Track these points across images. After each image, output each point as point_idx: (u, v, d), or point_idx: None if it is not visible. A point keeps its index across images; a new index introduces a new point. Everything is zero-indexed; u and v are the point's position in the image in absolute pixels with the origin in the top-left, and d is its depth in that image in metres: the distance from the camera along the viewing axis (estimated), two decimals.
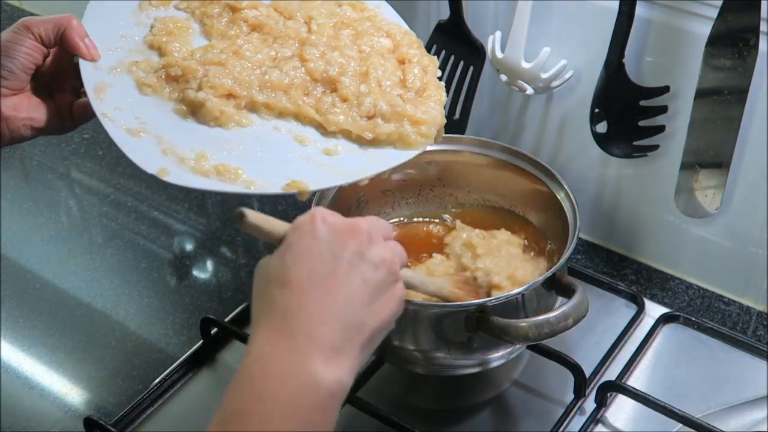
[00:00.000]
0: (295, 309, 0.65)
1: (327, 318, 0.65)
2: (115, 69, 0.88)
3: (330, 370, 0.64)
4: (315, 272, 0.67)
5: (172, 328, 1.12)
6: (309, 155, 0.86)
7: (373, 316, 0.68)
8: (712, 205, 1.03)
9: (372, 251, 0.69)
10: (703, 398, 0.99)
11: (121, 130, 0.83)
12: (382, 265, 0.69)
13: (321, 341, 0.64)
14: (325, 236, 0.68)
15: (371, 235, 0.70)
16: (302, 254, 0.68)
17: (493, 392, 1.02)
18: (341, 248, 0.68)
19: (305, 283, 0.66)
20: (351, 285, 0.67)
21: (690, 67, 0.99)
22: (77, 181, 1.39)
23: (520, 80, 1.11)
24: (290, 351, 0.64)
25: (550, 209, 1.03)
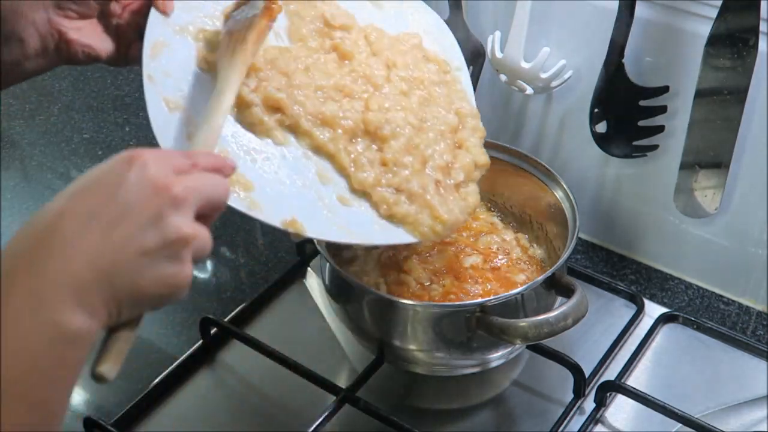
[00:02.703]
0: (52, 242, 0.58)
1: (81, 262, 0.58)
2: (183, 30, 0.84)
3: (73, 316, 0.57)
4: (93, 213, 0.59)
5: (171, 328, 1.12)
6: (323, 195, 0.84)
7: (133, 285, 0.59)
8: (711, 205, 1.04)
9: (170, 222, 0.60)
10: (702, 398, 0.99)
11: (159, 98, 0.80)
12: (172, 242, 0.60)
13: (68, 284, 0.57)
14: (131, 184, 0.60)
15: (183, 203, 0.61)
16: (94, 190, 0.60)
17: (493, 392, 1.02)
18: (139, 203, 0.60)
19: (78, 218, 0.59)
20: (125, 242, 0.59)
21: (689, 67, 0.99)
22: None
23: (519, 80, 1.11)
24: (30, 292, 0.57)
25: (550, 209, 1.03)
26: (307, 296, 1.14)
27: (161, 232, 0.60)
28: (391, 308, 0.92)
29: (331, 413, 0.95)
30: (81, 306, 0.57)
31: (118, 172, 0.61)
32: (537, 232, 1.07)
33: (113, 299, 0.59)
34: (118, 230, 0.59)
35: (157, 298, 0.61)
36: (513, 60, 1.10)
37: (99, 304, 0.58)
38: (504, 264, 1.02)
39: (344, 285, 0.96)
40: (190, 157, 0.66)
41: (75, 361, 0.59)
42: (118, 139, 1.44)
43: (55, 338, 0.57)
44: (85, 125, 1.47)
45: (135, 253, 0.59)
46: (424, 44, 0.97)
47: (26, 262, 0.58)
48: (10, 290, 0.57)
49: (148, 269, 0.60)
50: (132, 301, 0.60)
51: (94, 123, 1.48)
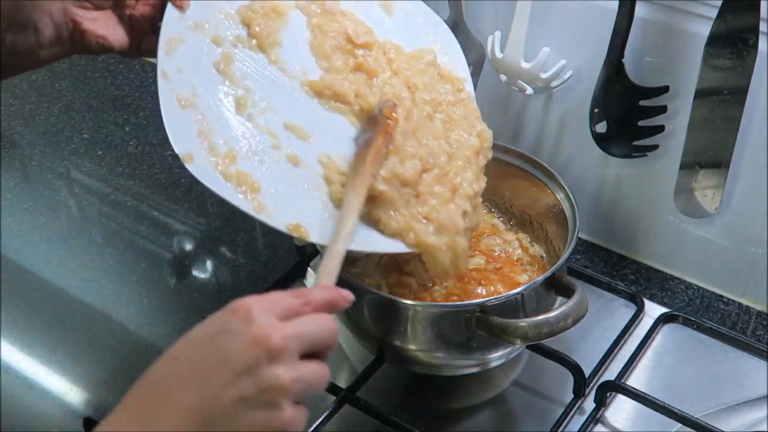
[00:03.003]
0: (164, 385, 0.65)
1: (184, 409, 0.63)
2: (199, 26, 0.85)
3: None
4: (198, 362, 0.65)
5: (172, 328, 1.12)
6: (328, 201, 0.84)
7: (229, 428, 0.63)
8: (711, 205, 1.04)
9: (265, 371, 0.63)
10: (702, 398, 0.99)
11: (172, 95, 0.80)
12: (267, 390, 0.63)
13: (170, 426, 0.63)
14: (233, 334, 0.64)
15: (281, 352, 0.64)
16: (201, 341, 0.66)
17: (493, 392, 1.02)
18: (236, 353, 0.64)
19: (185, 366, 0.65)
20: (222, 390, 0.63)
21: (689, 67, 0.99)
22: (77, 181, 1.39)
23: (519, 80, 1.11)
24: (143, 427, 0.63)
25: (550, 209, 1.03)
26: None
27: (256, 382, 0.63)
28: (391, 308, 0.92)
29: (331, 413, 0.95)
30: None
31: (224, 322, 0.66)
32: (537, 232, 1.07)
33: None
34: (216, 379, 0.63)
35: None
36: (513, 60, 1.10)
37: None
38: (506, 264, 1.02)
39: (344, 285, 0.95)
40: (302, 296, 0.68)
41: None
42: (118, 139, 1.44)
43: None
44: (85, 125, 1.47)
45: (231, 401, 0.63)
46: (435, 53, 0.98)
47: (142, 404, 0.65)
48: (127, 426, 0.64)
49: (244, 416, 0.63)
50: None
51: (94, 123, 1.48)
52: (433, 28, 1.01)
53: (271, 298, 0.67)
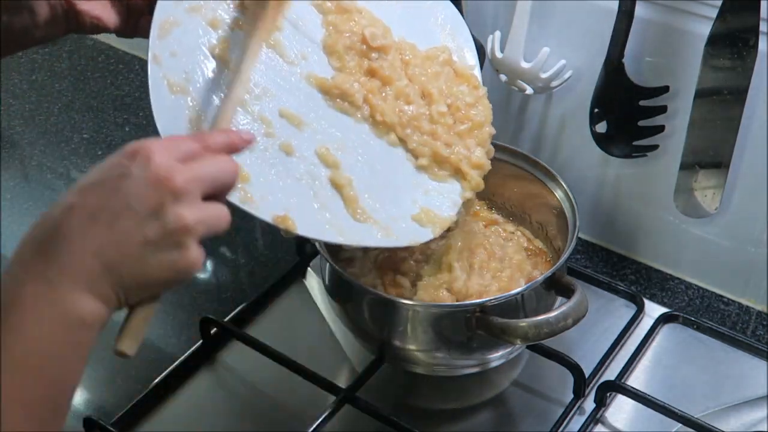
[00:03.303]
0: (61, 235, 0.62)
1: (88, 253, 0.61)
2: (196, 10, 0.83)
3: (84, 300, 0.61)
4: (98, 208, 0.62)
5: (171, 328, 1.12)
6: (318, 190, 0.83)
7: (139, 272, 0.63)
8: (711, 205, 1.04)
9: (170, 212, 0.63)
10: (702, 398, 0.99)
11: (163, 81, 0.78)
12: (174, 231, 0.63)
13: (78, 273, 0.61)
14: (134, 178, 0.63)
15: (184, 193, 0.63)
16: (99, 186, 0.64)
17: (493, 392, 1.02)
18: (140, 196, 0.62)
19: (84, 213, 0.62)
20: (128, 234, 0.62)
21: (689, 67, 0.99)
22: (77, 181, 1.38)
23: (519, 80, 1.11)
24: (44, 280, 0.61)
25: (550, 209, 1.03)
26: (307, 296, 1.14)
27: (162, 223, 0.62)
28: (391, 308, 0.92)
29: (331, 413, 0.95)
30: (91, 292, 0.61)
31: (122, 166, 0.64)
32: (537, 232, 1.07)
33: (121, 285, 0.63)
34: (121, 223, 0.62)
35: (164, 282, 0.65)
36: (513, 60, 1.10)
37: (108, 291, 0.62)
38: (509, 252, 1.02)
39: (344, 285, 0.96)
40: (200, 140, 0.68)
41: (88, 342, 0.63)
42: (118, 139, 1.44)
43: (69, 322, 0.61)
44: (85, 125, 1.47)
45: (138, 244, 0.62)
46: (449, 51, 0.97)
47: (39, 253, 0.62)
48: (26, 277, 0.61)
49: (151, 258, 0.63)
50: (139, 287, 0.64)
51: (94, 123, 1.48)
52: (443, 12, 0.99)
53: (170, 141, 0.67)
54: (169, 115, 0.78)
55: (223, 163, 0.68)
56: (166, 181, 0.63)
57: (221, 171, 0.67)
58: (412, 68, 0.93)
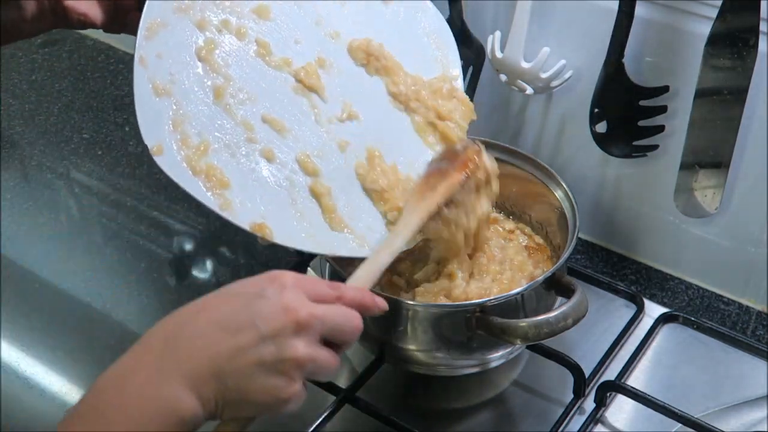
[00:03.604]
0: (187, 331, 0.66)
1: (204, 356, 0.65)
2: (184, 11, 0.82)
3: (187, 398, 0.64)
4: (228, 317, 0.66)
5: None
6: (296, 197, 0.84)
7: (242, 387, 0.66)
8: (711, 205, 1.04)
9: (289, 344, 0.66)
10: (702, 398, 0.99)
11: (147, 84, 0.79)
12: (286, 360, 0.66)
13: (190, 371, 0.64)
14: (265, 300, 0.67)
15: (306, 328, 0.66)
16: (236, 297, 0.68)
17: (493, 392, 1.02)
18: (266, 317, 0.66)
19: (213, 318, 0.66)
20: (245, 349, 0.65)
21: (689, 67, 0.99)
22: (77, 181, 1.39)
23: (519, 80, 1.11)
24: (157, 370, 0.65)
25: (550, 209, 1.03)
26: None
27: (278, 349, 0.65)
28: (391, 308, 0.92)
29: (331, 413, 0.95)
30: (195, 392, 0.64)
31: (260, 287, 0.68)
32: (537, 229, 1.07)
33: (222, 395, 0.65)
34: (242, 336, 0.65)
35: (260, 405, 0.67)
36: (513, 60, 1.10)
37: (210, 396, 0.65)
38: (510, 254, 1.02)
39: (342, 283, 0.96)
40: (336, 288, 0.71)
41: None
42: (118, 139, 1.44)
43: (169, 413, 0.64)
44: (85, 125, 1.47)
45: (251, 361, 0.65)
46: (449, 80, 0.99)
47: (161, 343, 0.66)
48: (141, 361, 0.66)
49: (259, 378, 0.66)
50: (238, 402, 0.66)
51: (94, 123, 1.48)
52: (431, 21, 1.00)
53: (308, 279, 0.70)
54: (152, 117, 0.78)
55: (350, 316, 0.70)
56: (294, 311, 0.66)
57: (346, 322, 0.70)
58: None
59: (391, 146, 0.93)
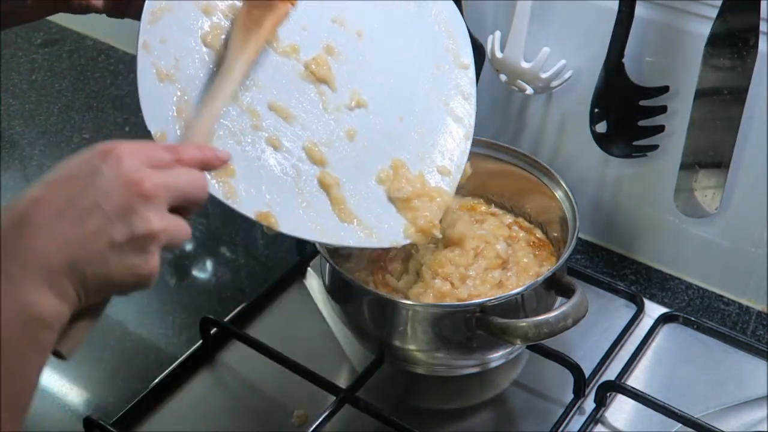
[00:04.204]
0: (26, 228, 0.60)
1: (52, 249, 0.60)
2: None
3: (45, 297, 0.59)
4: (67, 204, 0.61)
5: (171, 328, 1.12)
6: (302, 186, 0.83)
7: (101, 273, 0.61)
8: (711, 205, 1.04)
9: (138, 217, 0.62)
10: (702, 398, 0.99)
11: (151, 69, 0.78)
12: (139, 236, 0.62)
13: (40, 268, 0.59)
14: (104, 178, 0.62)
15: (152, 199, 0.63)
16: (69, 182, 0.63)
17: (493, 392, 1.02)
18: (109, 197, 0.61)
19: (51, 208, 0.61)
20: (95, 234, 0.61)
21: (690, 67, 0.99)
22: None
23: (519, 80, 1.11)
24: (3, 274, 0.59)
25: (550, 209, 1.03)
26: (307, 296, 1.14)
27: (129, 227, 0.62)
28: (391, 308, 0.92)
29: (331, 413, 0.95)
30: (52, 289, 0.59)
31: (93, 165, 0.63)
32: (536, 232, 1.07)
33: (82, 285, 0.61)
34: (89, 222, 0.61)
35: (123, 286, 0.63)
36: (513, 60, 1.10)
37: (68, 289, 0.60)
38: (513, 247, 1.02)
39: (344, 285, 0.96)
40: (173, 151, 0.67)
41: (46, 341, 0.60)
42: (117, 138, 1.43)
43: (28, 319, 0.59)
44: (85, 125, 1.47)
45: (104, 244, 0.61)
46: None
47: (1, 245, 0.60)
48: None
49: (115, 259, 0.62)
50: (99, 287, 0.62)
51: (94, 123, 1.48)
52: (444, 8, 0.98)
53: (142, 146, 0.66)
54: (156, 103, 0.77)
55: (193, 177, 0.68)
56: (137, 184, 0.62)
57: (191, 184, 0.67)
58: None
59: (400, 135, 0.92)
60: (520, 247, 1.02)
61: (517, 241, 1.03)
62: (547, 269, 0.97)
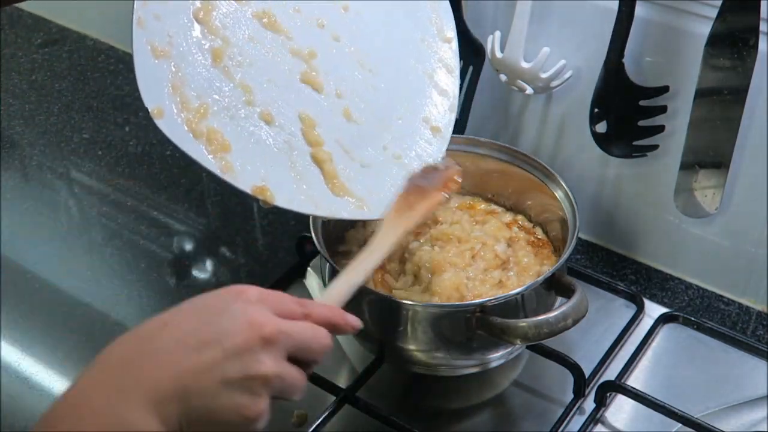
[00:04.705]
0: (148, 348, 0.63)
1: (167, 373, 0.62)
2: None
3: (149, 420, 0.60)
4: (190, 333, 0.63)
5: None
6: (295, 160, 0.83)
7: (207, 407, 0.62)
8: (711, 205, 1.04)
9: (255, 360, 0.63)
10: (702, 398, 0.99)
11: (146, 46, 0.78)
12: (252, 377, 0.63)
13: (152, 390, 0.61)
14: (231, 314, 0.64)
15: (272, 343, 0.64)
16: (198, 312, 0.65)
17: (493, 392, 1.02)
18: (231, 333, 0.63)
19: (177, 333, 0.63)
20: (210, 366, 0.62)
21: (689, 67, 0.99)
22: (77, 181, 1.39)
23: (519, 80, 1.11)
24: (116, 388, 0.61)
25: (550, 209, 1.03)
26: (307, 296, 1.14)
27: (244, 366, 0.63)
28: (391, 308, 0.92)
29: (331, 413, 0.95)
30: (156, 412, 0.61)
31: (224, 301, 0.65)
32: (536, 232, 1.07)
33: (186, 415, 0.62)
34: (206, 354, 0.62)
35: (225, 424, 0.63)
36: (513, 60, 1.10)
37: (172, 416, 0.61)
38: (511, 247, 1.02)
39: None
40: (304, 305, 0.68)
41: None
42: (118, 139, 1.44)
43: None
44: (85, 125, 1.47)
45: (216, 379, 0.62)
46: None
47: (121, 360, 0.63)
48: (102, 380, 0.62)
49: (224, 397, 0.62)
50: (203, 421, 0.63)
51: (94, 123, 1.48)
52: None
53: (274, 293, 0.68)
54: (152, 80, 0.77)
55: (318, 333, 0.68)
56: (259, 326, 0.63)
57: (314, 340, 0.67)
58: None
59: (387, 108, 0.93)
60: (521, 247, 1.02)
61: (518, 241, 1.03)
62: (548, 269, 0.97)
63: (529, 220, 1.07)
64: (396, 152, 0.92)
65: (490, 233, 1.02)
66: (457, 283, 0.94)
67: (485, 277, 0.97)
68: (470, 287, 0.95)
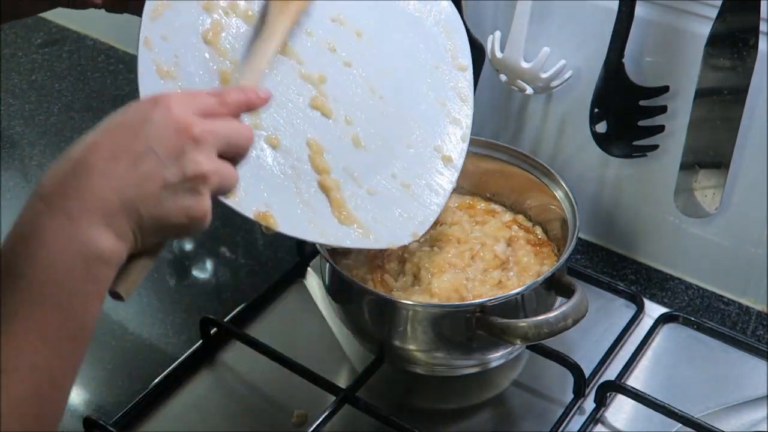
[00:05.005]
0: (83, 171, 0.63)
1: (109, 190, 0.62)
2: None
3: (104, 235, 0.62)
4: (121, 148, 0.64)
5: (171, 328, 1.12)
6: (301, 187, 0.83)
7: (156, 213, 0.64)
8: (711, 205, 1.04)
9: (189, 159, 0.65)
10: (702, 398, 0.99)
11: (152, 65, 0.78)
12: (191, 177, 0.65)
13: (98, 209, 0.62)
14: (155, 124, 0.64)
15: (202, 142, 0.65)
16: (122, 128, 0.65)
17: (493, 392, 1.02)
18: (161, 141, 0.64)
19: (107, 152, 0.64)
20: (149, 176, 0.64)
21: (689, 67, 0.99)
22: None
23: (519, 80, 1.11)
24: (64, 214, 0.61)
25: (550, 209, 1.03)
26: (307, 296, 1.14)
27: (181, 168, 0.64)
28: (391, 308, 0.92)
29: (331, 413, 0.95)
30: (110, 228, 0.62)
31: (143, 112, 0.65)
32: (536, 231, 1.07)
33: (138, 225, 0.64)
34: (143, 165, 0.63)
35: (177, 227, 0.66)
36: (513, 60, 1.10)
37: (126, 228, 0.63)
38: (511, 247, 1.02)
39: (344, 285, 0.96)
40: (217, 95, 0.69)
41: (105, 277, 0.63)
42: None
43: (88, 256, 0.61)
44: (85, 125, 1.47)
45: (158, 186, 0.64)
46: None
47: (61, 188, 0.62)
48: (46, 211, 0.62)
49: (169, 200, 0.64)
50: (155, 228, 0.65)
51: (94, 123, 1.46)
52: (439, 6, 0.98)
53: (189, 94, 0.69)
54: None
55: (238, 126, 0.70)
56: (187, 128, 0.65)
57: (236, 133, 0.69)
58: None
59: (398, 137, 0.92)
60: (520, 246, 1.02)
61: (517, 241, 1.03)
62: (548, 269, 0.97)
63: (529, 220, 1.07)
64: (405, 181, 0.91)
65: (490, 233, 1.02)
66: (456, 284, 0.94)
67: (485, 278, 0.97)
68: (470, 288, 0.95)
